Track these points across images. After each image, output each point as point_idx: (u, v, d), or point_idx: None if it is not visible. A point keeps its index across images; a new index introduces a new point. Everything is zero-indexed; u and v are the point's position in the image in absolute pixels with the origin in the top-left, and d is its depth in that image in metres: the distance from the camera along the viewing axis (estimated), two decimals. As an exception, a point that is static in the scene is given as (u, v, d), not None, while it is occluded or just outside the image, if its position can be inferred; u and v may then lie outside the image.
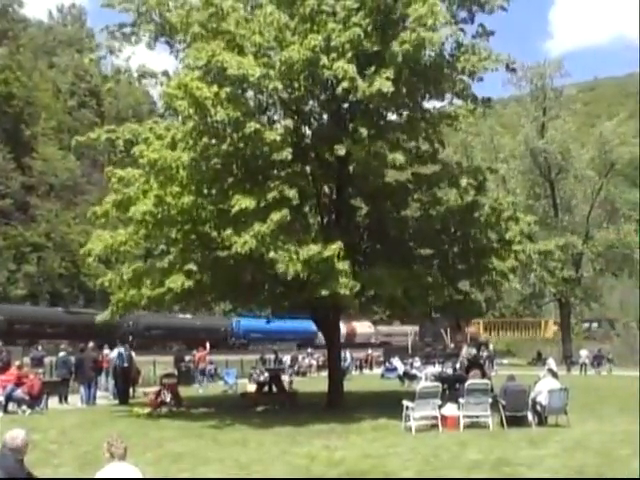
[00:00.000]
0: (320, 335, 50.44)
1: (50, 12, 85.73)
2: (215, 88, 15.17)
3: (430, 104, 19.65)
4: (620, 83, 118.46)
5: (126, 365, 21.45)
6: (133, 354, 22.88)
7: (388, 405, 16.94)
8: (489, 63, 17.20)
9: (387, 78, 15.27)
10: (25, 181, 57.74)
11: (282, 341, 48.04)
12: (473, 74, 17.61)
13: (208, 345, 32.77)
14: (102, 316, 19.37)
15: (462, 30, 18.32)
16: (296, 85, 17.10)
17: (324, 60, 15.51)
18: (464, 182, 19.77)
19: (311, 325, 50.05)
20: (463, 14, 18.63)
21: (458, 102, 19.40)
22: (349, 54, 15.89)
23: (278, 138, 15.50)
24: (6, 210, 54.30)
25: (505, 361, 49.11)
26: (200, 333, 40.04)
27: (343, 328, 50.72)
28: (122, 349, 22.04)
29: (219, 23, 16.15)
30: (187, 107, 15.47)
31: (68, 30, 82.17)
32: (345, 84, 15.41)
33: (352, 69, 15.29)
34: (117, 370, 21.50)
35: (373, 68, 16.18)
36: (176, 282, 16.20)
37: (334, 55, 15.86)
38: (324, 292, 15.08)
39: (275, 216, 14.62)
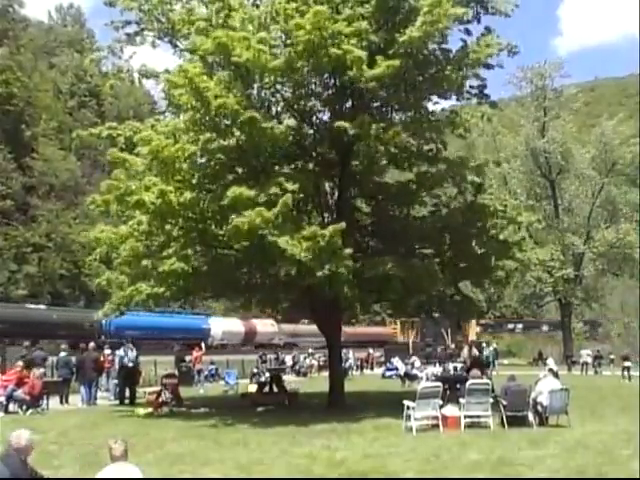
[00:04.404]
0: (214, 334, 45.55)
1: (49, 13, 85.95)
2: (215, 79, 15.21)
3: (437, 106, 19.79)
4: (621, 83, 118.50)
5: (130, 365, 21.32)
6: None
7: (389, 405, 16.95)
8: (491, 49, 17.27)
9: (392, 66, 15.37)
10: (26, 181, 57.71)
11: (166, 340, 41.22)
12: (477, 64, 17.61)
13: (203, 346, 32.71)
14: (102, 312, 19.48)
15: (468, 31, 18.46)
16: (298, 79, 17.09)
17: (329, 43, 15.48)
18: (469, 179, 19.84)
19: (202, 322, 45.59)
20: (466, 10, 18.65)
21: (463, 102, 19.44)
22: (354, 44, 15.94)
23: (282, 129, 15.57)
24: (7, 210, 54.28)
25: (506, 361, 49.12)
26: (58, 329, 34.00)
27: (241, 326, 47.46)
28: (128, 349, 21.88)
29: (225, 20, 16.16)
30: (189, 97, 15.47)
31: (68, 30, 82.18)
32: (353, 70, 15.40)
33: (360, 52, 15.32)
34: (122, 370, 21.38)
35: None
36: (170, 265, 16.10)
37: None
38: (325, 271, 15.01)
39: (280, 202, 14.64)
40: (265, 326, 50.16)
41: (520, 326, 58.92)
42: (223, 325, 45.89)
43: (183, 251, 16.91)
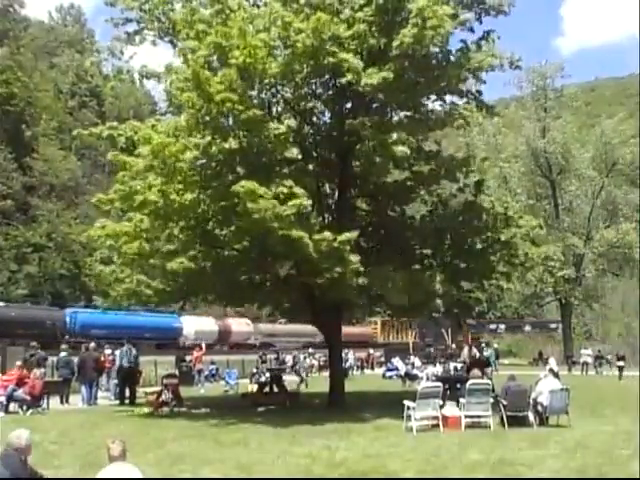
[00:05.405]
0: (186, 333, 43.98)
1: (50, 13, 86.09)
2: (217, 79, 15.18)
3: (435, 104, 19.77)
4: (621, 83, 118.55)
5: (127, 365, 21.28)
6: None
7: (389, 405, 16.95)
8: (493, 60, 17.28)
9: (388, 68, 15.38)
10: (26, 181, 57.84)
11: (136, 340, 35.26)
12: (478, 71, 17.66)
13: (204, 346, 32.65)
14: (104, 303, 19.47)
15: (471, 30, 18.45)
16: (298, 80, 17.08)
17: (328, 48, 15.48)
18: (467, 178, 19.85)
19: (173, 321, 43.93)
20: (469, 15, 18.69)
21: (462, 102, 19.42)
22: (353, 49, 15.96)
23: (283, 129, 15.58)
24: (7, 210, 54.38)
25: (506, 361, 49.10)
26: (16, 327, 31.65)
27: (215, 325, 45.66)
28: (126, 349, 21.84)
29: (225, 21, 16.14)
30: (190, 96, 15.40)
31: (69, 30, 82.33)
32: (349, 76, 15.44)
33: (356, 61, 15.35)
34: (121, 370, 21.37)
35: (377, 66, 16.20)
36: (179, 263, 16.06)
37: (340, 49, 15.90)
38: (335, 274, 15.09)
39: (294, 202, 14.67)
40: (240, 325, 48.48)
41: (502, 327, 58.49)
42: (196, 324, 44.47)
43: (186, 251, 16.91)
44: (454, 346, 43.92)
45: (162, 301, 20.54)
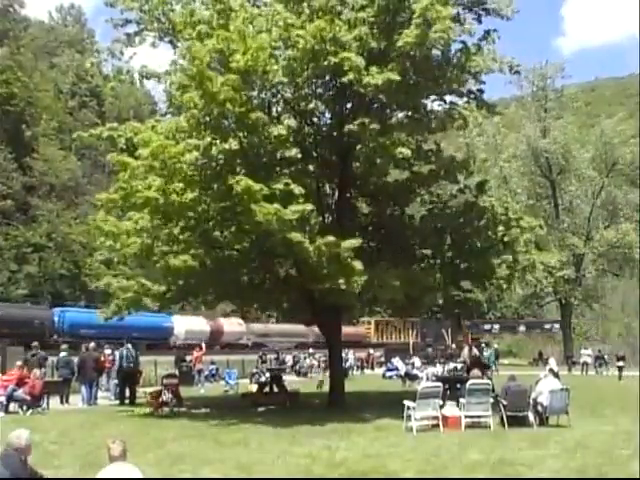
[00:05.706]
0: (177, 333, 43.68)
1: (50, 13, 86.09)
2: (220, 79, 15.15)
3: (434, 104, 19.79)
4: (621, 83, 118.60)
5: (125, 365, 21.29)
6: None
7: (389, 405, 16.96)
8: (493, 64, 17.31)
9: (392, 69, 15.41)
10: (26, 181, 57.77)
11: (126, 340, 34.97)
12: (478, 74, 17.69)
13: (204, 346, 32.63)
14: (106, 313, 19.48)
15: (470, 33, 18.49)
16: (299, 81, 17.08)
17: (330, 49, 15.48)
18: (468, 178, 19.88)
19: (164, 321, 42.99)
20: (470, 16, 18.71)
21: (462, 102, 19.43)
22: (354, 50, 15.99)
23: (284, 132, 15.57)
24: (7, 210, 54.34)
25: (506, 361, 49.10)
26: (3, 326, 31.16)
27: (206, 325, 45.18)
28: (126, 349, 21.84)
29: (226, 20, 16.12)
30: (191, 96, 15.35)
31: (69, 30, 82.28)
32: (351, 75, 15.45)
33: (359, 59, 15.38)
34: (121, 370, 21.38)
35: (378, 66, 16.20)
36: (183, 261, 16.01)
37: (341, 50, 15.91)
38: (338, 285, 15.12)
39: (296, 207, 14.67)
40: (232, 325, 48.04)
41: (497, 327, 58.62)
42: (186, 324, 44.16)
43: (186, 251, 16.89)
44: (454, 346, 43.92)
45: (162, 306, 20.52)
